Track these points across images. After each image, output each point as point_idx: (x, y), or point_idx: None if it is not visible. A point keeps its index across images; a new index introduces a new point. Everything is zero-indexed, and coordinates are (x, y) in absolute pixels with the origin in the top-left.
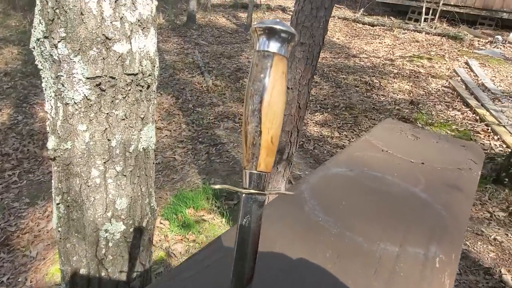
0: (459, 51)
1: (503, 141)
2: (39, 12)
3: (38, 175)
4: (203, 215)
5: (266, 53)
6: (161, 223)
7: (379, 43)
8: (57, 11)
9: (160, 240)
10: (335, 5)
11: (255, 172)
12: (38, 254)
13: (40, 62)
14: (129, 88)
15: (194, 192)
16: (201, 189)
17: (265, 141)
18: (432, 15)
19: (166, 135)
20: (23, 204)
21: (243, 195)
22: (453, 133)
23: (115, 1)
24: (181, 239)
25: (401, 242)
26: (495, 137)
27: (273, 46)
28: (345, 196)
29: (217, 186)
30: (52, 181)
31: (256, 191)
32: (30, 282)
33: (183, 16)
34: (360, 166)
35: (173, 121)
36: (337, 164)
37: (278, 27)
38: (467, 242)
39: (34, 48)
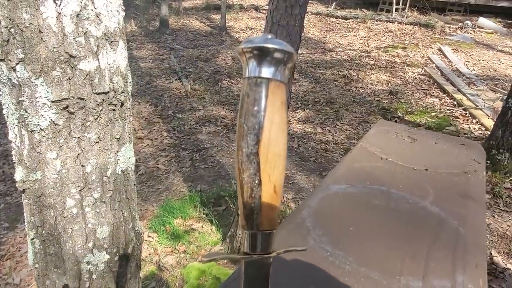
0: (431, 38)
1: (482, 124)
2: None
3: (16, 197)
4: (192, 224)
5: (258, 80)
6: (149, 236)
7: (354, 35)
8: (12, 30)
9: (149, 254)
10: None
11: (257, 232)
12: (22, 280)
13: None
14: (100, 108)
15: (181, 201)
16: (188, 197)
17: (266, 192)
18: (402, 4)
19: (148, 145)
20: (1, 229)
21: (244, 261)
22: (433, 120)
23: (77, 15)
24: (172, 251)
25: (424, 274)
26: (474, 121)
27: (267, 70)
28: (351, 219)
29: (208, 259)
30: (24, 214)
31: (261, 255)
32: None
33: (156, 22)
34: (361, 180)
35: (154, 129)
36: (337, 180)
37: (270, 46)
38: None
39: None
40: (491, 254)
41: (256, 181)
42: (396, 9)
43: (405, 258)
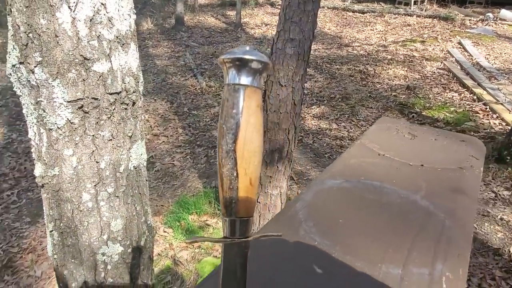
0: (451, 31)
1: (502, 119)
2: (12, 37)
3: (37, 193)
4: (206, 220)
5: (237, 87)
6: (164, 231)
7: (371, 30)
8: (30, 35)
9: (165, 249)
10: None
11: (235, 219)
12: (43, 273)
13: (19, 88)
14: (113, 108)
15: (195, 197)
16: (203, 193)
17: (243, 184)
18: None
19: (163, 141)
20: (24, 224)
21: (224, 244)
22: (451, 115)
23: (90, 20)
24: (186, 246)
25: (404, 262)
26: (494, 116)
27: (245, 78)
28: (342, 213)
29: (191, 241)
30: (43, 208)
31: (238, 239)
32: None
33: (171, 19)
34: (356, 175)
35: (169, 126)
36: (332, 176)
37: (248, 57)
38: (474, 225)
39: (10, 74)
40: (509, 251)
41: (234, 174)
42: (415, 2)
43: (388, 249)
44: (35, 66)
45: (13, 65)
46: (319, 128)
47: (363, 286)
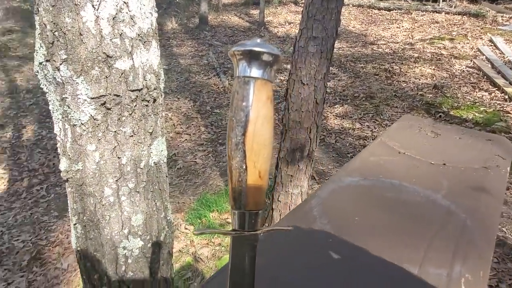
0: (482, 28)
1: None
2: (39, 35)
3: (64, 188)
4: (227, 218)
5: (247, 79)
6: (186, 228)
7: (397, 27)
8: (56, 33)
9: (186, 246)
10: None
11: (244, 212)
12: (69, 266)
13: (45, 85)
14: (134, 104)
15: (217, 195)
16: (224, 191)
17: (252, 177)
18: None
19: (186, 139)
20: (52, 218)
21: (233, 237)
22: (481, 115)
23: (113, 18)
24: (207, 243)
25: (421, 262)
26: None
27: (255, 71)
28: (358, 211)
29: (199, 232)
30: (68, 202)
31: (247, 232)
32: None
33: (195, 19)
34: (375, 173)
35: (192, 124)
36: (350, 173)
37: (259, 49)
38: (503, 229)
39: (37, 72)
40: None
41: (243, 167)
42: None
43: (405, 248)
44: (60, 64)
45: (40, 63)
46: (341, 128)
47: (376, 285)
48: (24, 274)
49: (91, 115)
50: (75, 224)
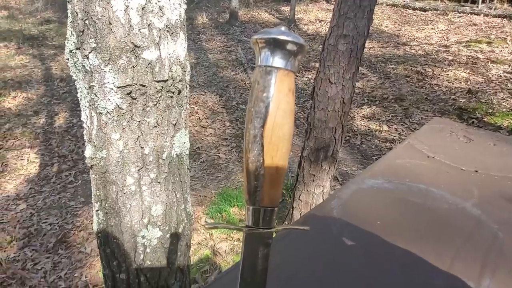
0: None
1: None
2: (71, 24)
3: None
4: None
5: (268, 69)
6: (206, 221)
7: (432, 29)
8: (87, 22)
9: (205, 239)
10: None
11: (258, 208)
12: (92, 250)
13: (74, 73)
14: (159, 95)
15: (238, 191)
16: None
17: (269, 172)
18: None
19: (211, 134)
20: (78, 203)
21: (245, 233)
22: None
23: (142, 8)
24: (226, 238)
25: (447, 273)
26: None
27: (278, 60)
28: (380, 214)
29: (210, 226)
30: (92, 188)
31: (261, 229)
32: (85, 277)
33: (226, 14)
34: (400, 176)
35: (217, 119)
36: (374, 175)
37: (283, 37)
38: None
39: (68, 59)
40: None
41: (260, 161)
42: (483, 0)
43: (429, 256)
44: (89, 52)
45: (71, 51)
46: (368, 129)
47: None
48: (50, 255)
49: (116, 104)
50: (97, 211)
